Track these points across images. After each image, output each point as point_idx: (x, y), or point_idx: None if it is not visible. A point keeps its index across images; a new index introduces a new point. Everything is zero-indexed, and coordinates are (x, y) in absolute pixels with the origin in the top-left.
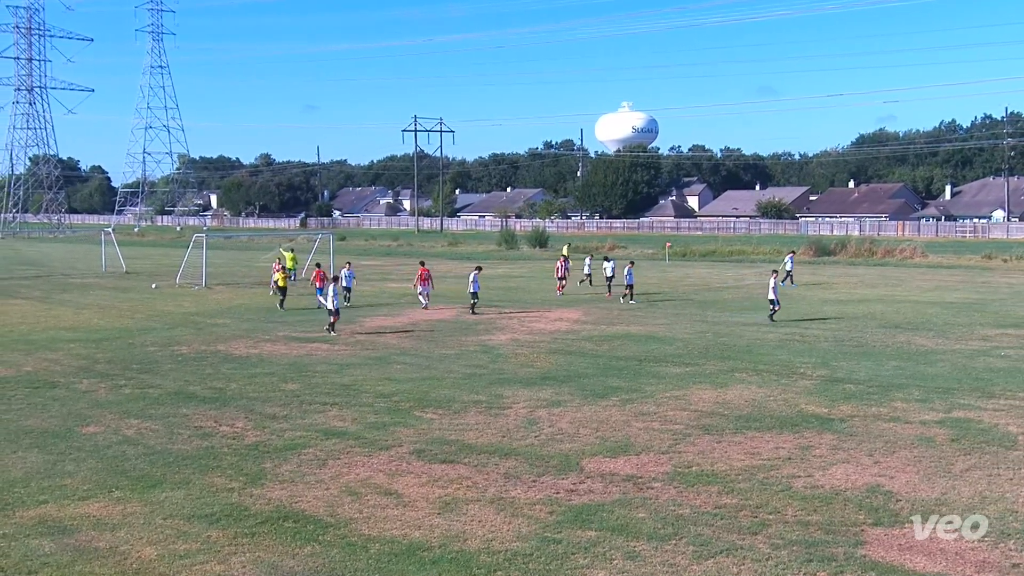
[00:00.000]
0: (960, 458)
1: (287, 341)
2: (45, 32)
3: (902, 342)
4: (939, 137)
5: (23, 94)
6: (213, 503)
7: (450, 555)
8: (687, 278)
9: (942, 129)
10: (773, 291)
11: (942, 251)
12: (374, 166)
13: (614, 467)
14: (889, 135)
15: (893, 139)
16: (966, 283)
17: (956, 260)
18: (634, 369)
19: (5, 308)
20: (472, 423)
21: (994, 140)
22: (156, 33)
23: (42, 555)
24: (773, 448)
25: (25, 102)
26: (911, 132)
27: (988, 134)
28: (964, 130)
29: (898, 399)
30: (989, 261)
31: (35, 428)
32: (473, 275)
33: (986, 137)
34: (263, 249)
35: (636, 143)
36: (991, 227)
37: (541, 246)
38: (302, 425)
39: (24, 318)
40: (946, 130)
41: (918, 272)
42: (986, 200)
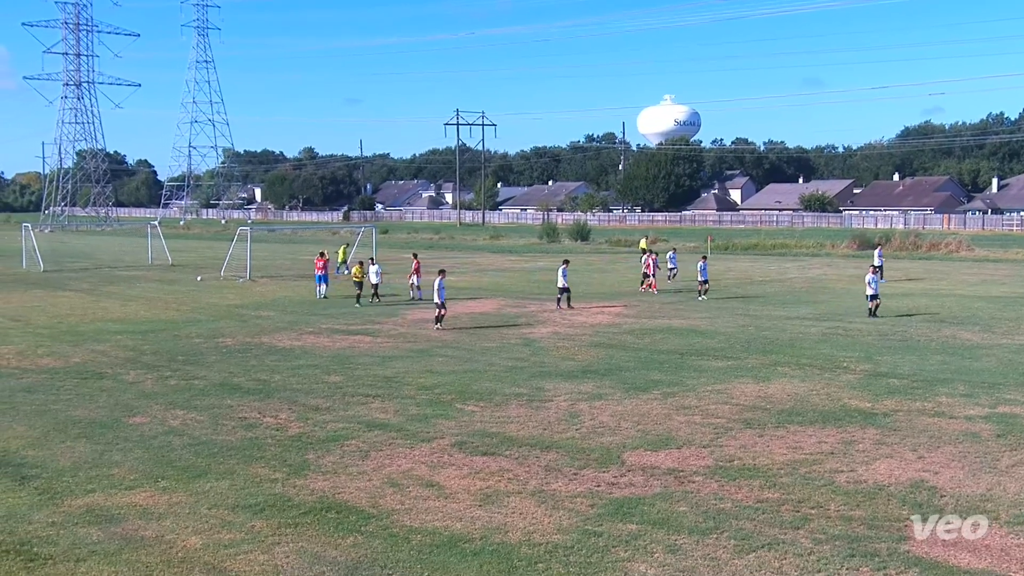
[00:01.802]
0: (1006, 454)
1: (330, 334)
2: (93, 28)
3: (947, 336)
4: (986, 129)
5: (71, 89)
6: (257, 493)
7: (491, 547)
8: (729, 272)
9: (989, 121)
10: (870, 285)
11: (988, 245)
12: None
13: (655, 460)
14: (935, 127)
15: (939, 131)
16: (1013, 277)
17: (1003, 254)
18: (675, 363)
19: (54, 300)
20: (513, 416)
21: None
22: (201, 28)
23: (89, 543)
24: (816, 442)
25: (73, 97)
26: (957, 124)
27: None
28: (1011, 122)
29: (943, 394)
30: None
31: (83, 418)
32: (562, 269)
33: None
34: (306, 243)
35: (678, 136)
36: None
37: (583, 239)
38: (345, 417)
39: (72, 310)
40: (993, 122)
41: (964, 266)
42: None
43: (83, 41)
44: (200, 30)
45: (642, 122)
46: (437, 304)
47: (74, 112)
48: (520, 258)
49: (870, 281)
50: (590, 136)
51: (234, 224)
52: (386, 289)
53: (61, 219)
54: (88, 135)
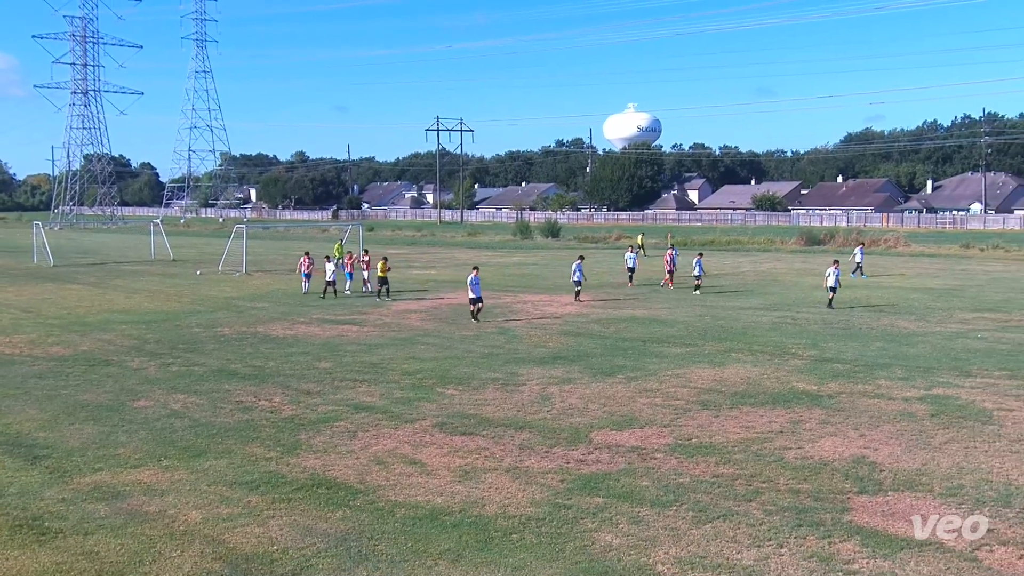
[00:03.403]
0: (939, 432)
1: (320, 323)
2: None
3: (886, 325)
4: (921, 135)
5: (79, 97)
6: (253, 471)
7: (470, 519)
8: (688, 266)
9: (924, 128)
10: (833, 279)
11: (923, 241)
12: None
13: (620, 439)
14: (875, 133)
15: (879, 137)
16: (945, 271)
17: (936, 249)
18: (639, 349)
19: (63, 293)
20: (490, 399)
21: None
22: (200, 41)
23: (97, 518)
24: (766, 422)
25: (80, 104)
26: (895, 131)
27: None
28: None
29: (882, 377)
30: (967, 250)
31: (90, 402)
32: (577, 264)
33: (964, 135)
34: (298, 239)
35: (641, 141)
36: (969, 219)
37: (554, 236)
38: (334, 400)
39: (80, 302)
40: (928, 129)
41: (901, 260)
42: (964, 194)
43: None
44: (199, 42)
45: (608, 128)
46: (473, 299)
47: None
48: (496, 253)
49: (830, 274)
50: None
51: (231, 222)
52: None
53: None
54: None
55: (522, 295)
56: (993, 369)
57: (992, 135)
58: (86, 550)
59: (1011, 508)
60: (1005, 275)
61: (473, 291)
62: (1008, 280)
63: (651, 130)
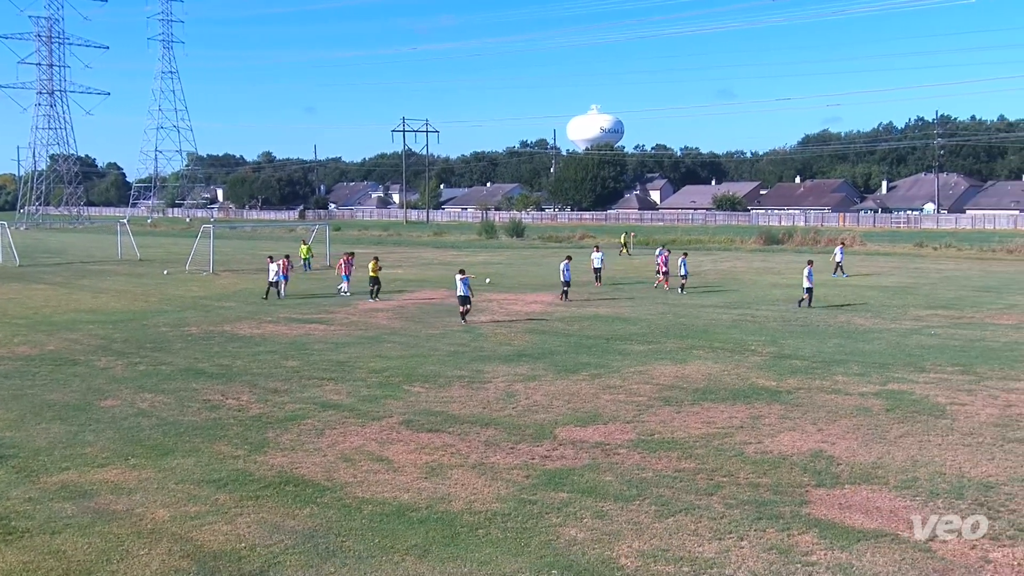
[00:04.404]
0: (894, 426)
1: (287, 322)
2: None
3: (843, 322)
4: (877, 137)
5: (45, 97)
6: (221, 469)
7: (436, 515)
8: (650, 265)
9: (879, 130)
10: (808, 279)
11: (879, 240)
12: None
13: (584, 435)
14: (832, 135)
15: (835, 139)
16: (900, 269)
17: (891, 248)
18: (602, 347)
19: (30, 292)
20: (456, 396)
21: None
22: (167, 42)
23: (64, 517)
24: (727, 418)
25: (47, 104)
26: (852, 132)
27: (920, 135)
28: (899, 131)
29: (839, 373)
30: (920, 249)
31: (58, 402)
32: (565, 264)
33: (918, 137)
34: (265, 239)
35: (604, 142)
36: (922, 218)
37: (518, 236)
38: (301, 398)
39: (47, 301)
40: (883, 131)
41: (857, 259)
42: (918, 194)
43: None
44: (165, 43)
45: (571, 129)
46: (461, 297)
47: (47, 118)
48: (461, 253)
49: (808, 274)
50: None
51: (198, 222)
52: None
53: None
54: (61, 140)
55: (487, 294)
56: (946, 365)
57: (945, 137)
58: (53, 549)
59: (963, 500)
60: (957, 273)
61: (462, 291)
62: (960, 278)
63: (614, 131)
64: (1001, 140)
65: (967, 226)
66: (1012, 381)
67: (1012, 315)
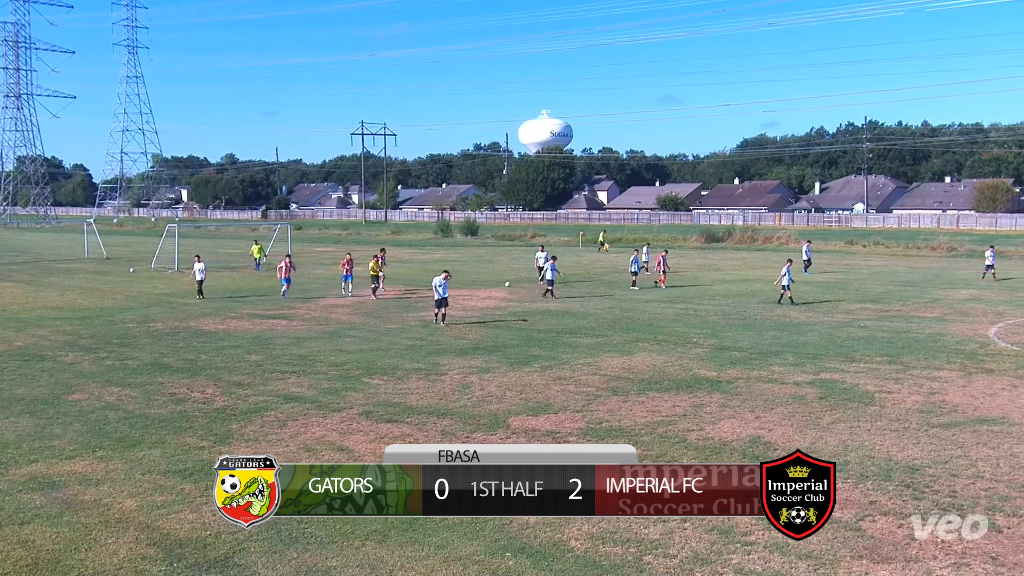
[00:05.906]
0: (827, 413)
1: (250, 318)
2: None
3: (779, 316)
4: (810, 141)
5: (11, 100)
6: (186, 460)
7: None
8: (598, 262)
9: (813, 135)
10: (787, 278)
11: (812, 238)
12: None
13: (536, 424)
14: (768, 139)
15: (772, 143)
16: (831, 265)
17: (824, 246)
18: (552, 340)
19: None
20: (413, 388)
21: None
22: (131, 47)
23: (33, 508)
24: (671, 406)
25: (13, 108)
26: (787, 137)
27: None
28: (831, 135)
29: (775, 364)
30: (851, 246)
31: (26, 396)
32: (551, 264)
33: (849, 141)
34: (229, 238)
35: (554, 145)
36: (853, 218)
37: (472, 235)
38: (264, 391)
39: (15, 299)
40: (816, 135)
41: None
42: (849, 195)
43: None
44: (130, 48)
45: (523, 133)
46: (438, 300)
47: (14, 121)
48: (418, 251)
49: (785, 273)
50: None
51: (163, 222)
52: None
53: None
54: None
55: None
56: (874, 355)
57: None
58: (22, 539)
59: (891, 482)
60: (884, 269)
61: (439, 292)
62: (887, 274)
63: (563, 135)
64: (925, 144)
65: (894, 225)
66: (935, 370)
67: (935, 308)
